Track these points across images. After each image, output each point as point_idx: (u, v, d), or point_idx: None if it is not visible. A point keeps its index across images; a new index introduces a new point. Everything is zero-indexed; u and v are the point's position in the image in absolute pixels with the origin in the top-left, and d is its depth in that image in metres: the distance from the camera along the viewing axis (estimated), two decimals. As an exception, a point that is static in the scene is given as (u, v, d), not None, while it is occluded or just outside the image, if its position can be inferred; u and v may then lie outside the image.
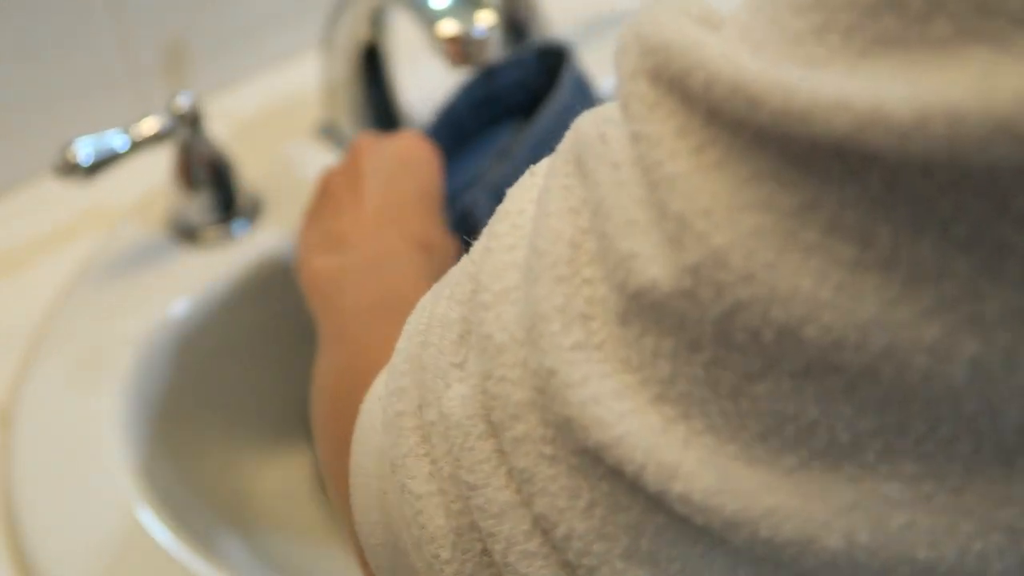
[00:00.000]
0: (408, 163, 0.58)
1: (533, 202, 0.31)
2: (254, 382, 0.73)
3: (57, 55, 0.74)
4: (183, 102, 0.66)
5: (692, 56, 0.26)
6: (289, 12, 0.82)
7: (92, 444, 0.62)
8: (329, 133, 0.76)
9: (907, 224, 0.24)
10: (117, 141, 0.65)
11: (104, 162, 0.65)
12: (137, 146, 0.66)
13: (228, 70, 0.82)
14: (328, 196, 0.58)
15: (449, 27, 0.60)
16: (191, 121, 0.67)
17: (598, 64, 0.80)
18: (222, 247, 0.71)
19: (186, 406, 0.69)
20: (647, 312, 0.27)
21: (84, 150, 0.64)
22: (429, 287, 0.43)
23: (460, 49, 0.61)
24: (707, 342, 0.26)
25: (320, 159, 0.75)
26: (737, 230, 0.25)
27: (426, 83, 0.77)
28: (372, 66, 0.71)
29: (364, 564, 0.39)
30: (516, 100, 0.71)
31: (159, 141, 0.67)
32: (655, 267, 0.26)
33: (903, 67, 0.23)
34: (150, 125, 0.66)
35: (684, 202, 0.25)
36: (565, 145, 0.31)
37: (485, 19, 0.61)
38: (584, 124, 0.30)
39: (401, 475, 0.32)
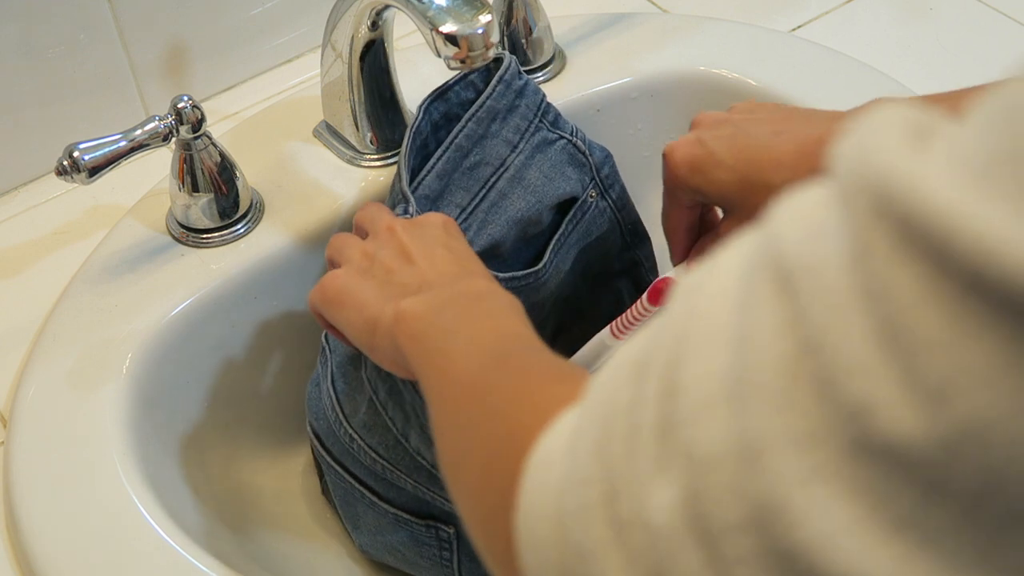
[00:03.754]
0: (452, 230, 0.60)
1: (729, 311, 0.30)
2: (254, 382, 0.73)
3: (58, 55, 0.74)
4: (184, 102, 0.66)
5: (946, 220, 0.25)
6: (289, 13, 0.82)
7: (92, 444, 0.62)
8: (329, 133, 0.76)
9: None
10: (118, 142, 0.65)
11: (105, 163, 0.65)
12: (138, 146, 0.66)
13: (228, 70, 0.82)
14: (368, 261, 0.58)
15: (449, 27, 0.60)
16: (192, 121, 0.67)
17: (597, 65, 0.80)
18: (222, 247, 0.71)
19: (186, 406, 0.69)
20: (890, 460, 0.26)
21: (85, 151, 0.64)
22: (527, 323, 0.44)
23: (460, 49, 0.61)
24: (961, 496, 0.25)
25: (320, 159, 0.75)
26: (1002, 393, 0.24)
27: (426, 83, 0.77)
28: (372, 66, 0.71)
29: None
30: None
31: (160, 141, 0.67)
32: (904, 423, 0.25)
33: None
34: (151, 126, 0.66)
35: (941, 363, 0.25)
36: (762, 255, 0.29)
37: (485, 19, 0.61)
38: (785, 242, 0.29)
39: (592, 566, 0.31)
